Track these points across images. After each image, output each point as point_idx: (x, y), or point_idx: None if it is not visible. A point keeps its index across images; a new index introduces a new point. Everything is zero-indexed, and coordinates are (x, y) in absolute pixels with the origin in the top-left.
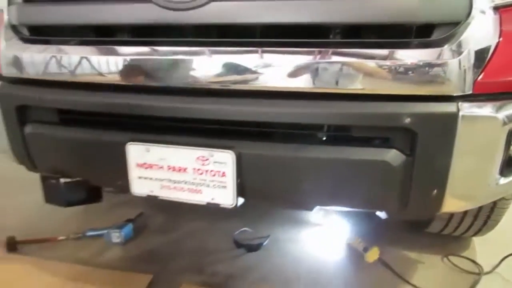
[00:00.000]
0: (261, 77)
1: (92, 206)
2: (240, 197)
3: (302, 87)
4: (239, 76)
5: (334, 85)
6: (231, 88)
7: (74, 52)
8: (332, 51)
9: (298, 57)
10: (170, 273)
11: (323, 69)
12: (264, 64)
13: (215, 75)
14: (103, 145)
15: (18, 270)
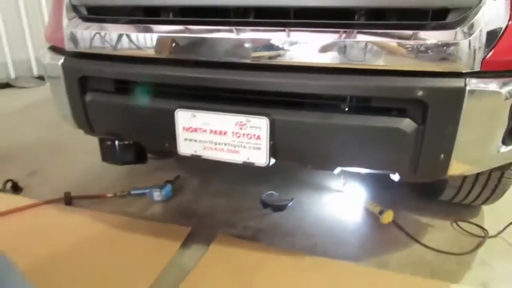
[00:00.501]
0: (295, 53)
1: (135, 169)
2: (272, 158)
3: (331, 62)
4: (275, 52)
5: (358, 61)
6: (268, 63)
7: (128, 29)
8: (358, 32)
9: (329, 36)
10: (206, 226)
11: (351, 47)
12: (298, 42)
13: (254, 51)
14: (155, 112)
15: (75, 221)
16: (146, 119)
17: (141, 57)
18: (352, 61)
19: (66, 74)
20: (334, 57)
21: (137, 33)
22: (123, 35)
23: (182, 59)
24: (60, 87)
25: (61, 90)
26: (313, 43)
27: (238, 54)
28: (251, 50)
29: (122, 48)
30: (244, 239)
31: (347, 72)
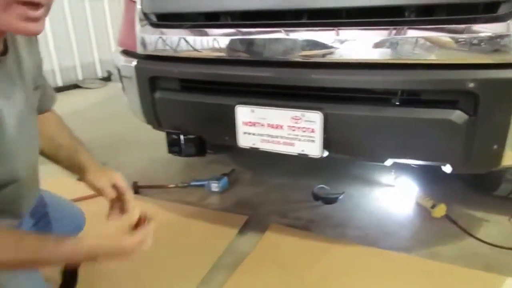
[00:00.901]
0: (347, 51)
1: (193, 162)
2: (325, 150)
3: (384, 58)
4: (328, 50)
5: (410, 56)
6: (322, 60)
7: (192, 33)
8: (410, 28)
9: (382, 33)
10: (260, 216)
11: (403, 43)
12: (351, 40)
13: (308, 50)
14: (217, 107)
15: (142, 207)
16: (209, 115)
17: (204, 58)
18: (404, 56)
19: (138, 75)
20: (387, 53)
21: (200, 36)
22: (188, 38)
23: (242, 59)
24: (132, 86)
25: (133, 89)
26: (366, 40)
27: (293, 53)
28: (305, 49)
29: (187, 50)
30: (296, 228)
31: (399, 67)
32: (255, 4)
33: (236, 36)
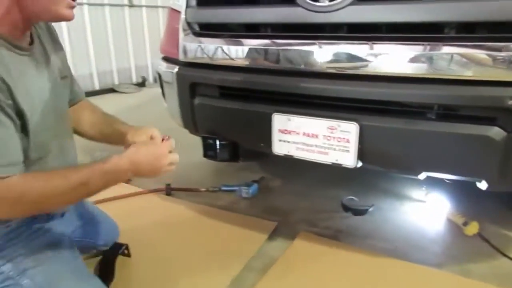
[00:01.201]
0: (386, 64)
1: (222, 168)
2: (359, 160)
3: (422, 73)
4: (366, 63)
5: (449, 72)
6: (359, 73)
7: (233, 43)
8: (450, 44)
9: (421, 48)
10: (289, 223)
11: (441, 58)
12: (391, 54)
13: (346, 62)
14: (254, 115)
15: (174, 209)
16: (245, 121)
17: (243, 67)
18: (442, 71)
19: (179, 81)
20: (424, 67)
21: (240, 46)
22: (229, 47)
23: (280, 69)
24: (172, 92)
25: (173, 94)
26: (404, 54)
27: (330, 64)
28: (343, 61)
29: (227, 59)
30: (325, 238)
31: (437, 82)
32: (293, 18)
33: (274, 46)
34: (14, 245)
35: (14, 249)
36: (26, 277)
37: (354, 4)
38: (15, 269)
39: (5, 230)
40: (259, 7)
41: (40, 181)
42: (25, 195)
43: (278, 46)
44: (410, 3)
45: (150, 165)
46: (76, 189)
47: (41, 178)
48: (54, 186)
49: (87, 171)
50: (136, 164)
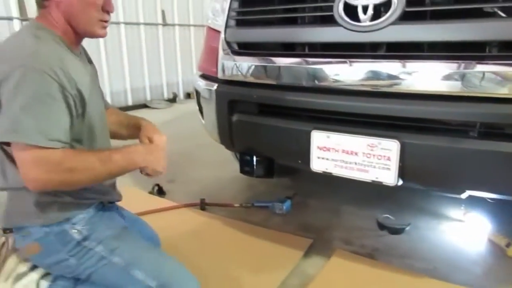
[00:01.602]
0: (428, 82)
1: (254, 184)
2: (400, 178)
3: (466, 91)
4: (408, 81)
5: (492, 90)
6: (401, 90)
7: (272, 61)
8: (494, 62)
9: (466, 65)
10: (325, 240)
11: (484, 77)
12: (434, 72)
13: (388, 80)
14: (292, 132)
15: (209, 224)
16: (284, 138)
17: (282, 84)
18: (484, 89)
19: (218, 98)
20: (466, 85)
21: (278, 64)
22: (267, 66)
23: (319, 87)
24: (210, 108)
25: (211, 110)
26: (445, 72)
27: (370, 82)
28: (383, 79)
29: (266, 77)
30: (362, 256)
31: (480, 100)
32: (334, 38)
33: (313, 65)
34: (99, 228)
35: (100, 232)
36: (116, 255)
37: (395, 23)
38: (106, 249)
39: (88, 215)
40: (299, 27)
41: (77, 156)
42: (62, 164)
43: (317, 64)
44: (452, 23)
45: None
46: (104, 165)
47: (77, 153)
48: (86, 160)
49: (113, 150)
50: (147, 154)
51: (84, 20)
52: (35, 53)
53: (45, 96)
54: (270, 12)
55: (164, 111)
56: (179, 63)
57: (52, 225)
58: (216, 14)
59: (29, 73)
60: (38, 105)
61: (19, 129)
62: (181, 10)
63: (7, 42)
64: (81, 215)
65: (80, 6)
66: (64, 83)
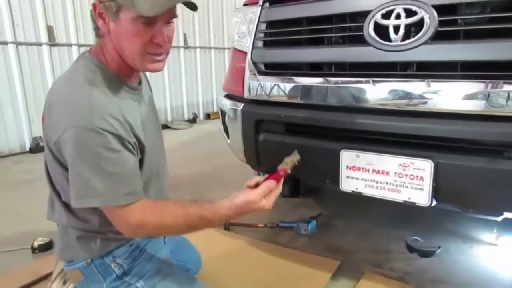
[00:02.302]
0: (460, 101)
1: (278, 204)
2: (434, 199)
3: (501, 110)
4: (439, 100)
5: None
6: (434, 110)
7: (299, 81)
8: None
9: (501, 85)
10: (352, 262)
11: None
12: (465, 91)
13: (420, 99)
14: (321, 151)
15: (234, 244)
16: (312, 158)
17: (309, 104)
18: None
19: (244, 118)
20: (502, 105)
21: (306, 83)
22: (295, 85)
23: (347, 106)
24: (236, 128)
25: (237, 130)
26: (480, 92)
27: (402, 102)
28: (416, 98)
29: (293, 96)
30: (393, 279)
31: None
32: (363, 57)
33: (341, 84)
34: (140, 263)
35: (141, 267)
36: None
37: (428, 43)
38: (147, 285)
39: (129, 249)
40: (328, 47)
41: (155, 217)
42: (143, 226)
43: (346, 83)
44: (485, 42)
45: (242, 211)
46: (183, 228)
47: (157, 214)
48: (167, 224)
49: (194, 215)
50: (232, 210)
51: (130, 53)
52: (86, 110)
53: (106, 152)
54: (298, 33)
55: (184, 131)
56: (199, 84)
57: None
58: (242, 36)
59: (82, 134)
60: (101, 163)
61: (92, 194)
62: (202, 33)
63: (60, 88)
64: (123, 248)
65: (126, 38)
66: (120, 132)
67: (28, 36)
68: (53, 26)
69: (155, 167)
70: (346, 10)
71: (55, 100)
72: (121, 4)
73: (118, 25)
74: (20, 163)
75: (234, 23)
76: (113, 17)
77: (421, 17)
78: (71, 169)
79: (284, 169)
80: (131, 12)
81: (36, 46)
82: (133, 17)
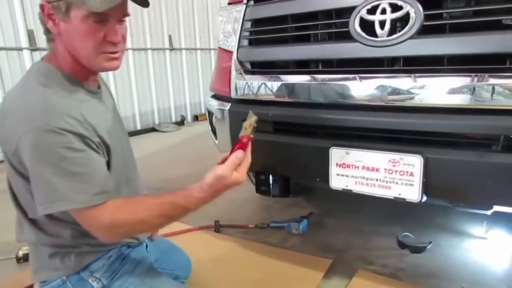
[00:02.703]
0: (447, 96)
1: (268, 204)
2: (424, 194)
3: (489, 104)
4: (426, 95)
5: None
6: (422, 105)
7: (285, 79)
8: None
9: (487, 78)
10: (345, 260)
11: (509, 89)
12: (452, 85)
13: (410, 94)
14: (310, 149)
15: (225, 246)
16: (301, 156)
17: (297, 102)
18: (508, 102)
19: (231, 117)
20: (488, 98)
21: (293, 81)
22: (281, 83)
23: (336, 103)
24: (224, 128)
25: (224, 130)
26: (467, 85)
27: (390, 97)
28: (404, 93)
29: (280, 95)
30: (385, 276)
31: (503, 113)
32: (350, 54)
33: (328, 81)
34: (122, 276)
35: (123, 280)
36: None
37: (413, 38)
38: None
39: (108, 261)
40: (314, 44)
41: (127, 213)
42: (117, 225)
43: (333, 81)
44: (471, 35)
45: (216, 189)
46: (159, 219)
47: (128, 210)
48: (141, 218)
49: (168, 204)
50: (205, 191)
51: (84, 53)
52: (42, 111)
53: (68, 152)
54: (283, 31)
55: (172, 134)
56: (186, 86)
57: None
58: (227, 35)
59: (40, 136)
60: (64, 164)
61: (57, 198)
62: (188, 34)
63: (13, 96)
64: (100, 261)
65: (79, 38)
66: (81, 131)
67: (7, 41)
68: (34, 30)
69: (124, 172)
70: (331, 6)
71: (7, 108)
72: (71, 2)
73: (69, 25)
74: (2, 172)
75: (219, 23)
76: (63, 17)
77: (406, 12)
78: (33, 175)
79: (247, 136)
80: (82, 10)
81: (17, 51)
82: (84, 15)
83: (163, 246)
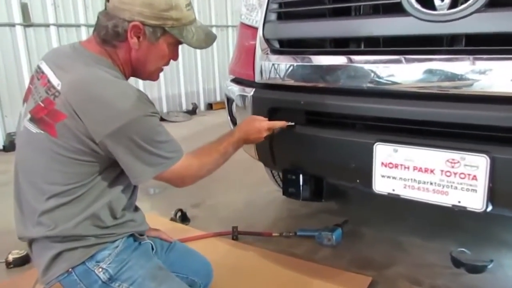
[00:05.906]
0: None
1: (294, 209)
2: (490, 203)
3: None
4: (498, 81)
5: None
6: (491, 94)
7: (322, 61)
8: None
9: None
10: (387, 278)
11: None
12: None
13: (474, 81)
14: (349, 145)
15: (244, 256)
16: (339, 153)
17: (335, 88)
18: None
19: (255, 105)
20: None
21: (331, 63)
22: (317, 65)
23: (384, 90)
24: (246, 117)
25: None
26: None
27: (450, 84)
28: (467, 79)
29: (315, 80)
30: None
31: None
32: (401, 30)
33: (374, 64)
34: (130, 266)
35: (133, 271)
36: None
37: (480, 11)
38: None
39: (114, 251)
40: (356, 19)
41: (205, 156)
42: (201, 169)
43: (378, 63)
44: None
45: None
46: (223, 156)
47: (203, 153)
48: (213, 158)
49: (226, 143)
50: (240, 129)
51: (150, 67)
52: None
53: (160, 128)
54: (320, 2)
55: (182, 124)
56: (199, 69)
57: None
58: (251, 9)
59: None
60: (161, 137)
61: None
62: (202, 10)
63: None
64: (106, 251)
65: (153, 58)
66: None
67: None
68: (28, 3)
69: None
70: None
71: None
72: (167, 32)
73: (154, 46)
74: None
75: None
76: (153, 39)
77: None
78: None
79: None
80: (172, 38)
81: (9, 27)
82: (172, 42)
83: (180, 249)
